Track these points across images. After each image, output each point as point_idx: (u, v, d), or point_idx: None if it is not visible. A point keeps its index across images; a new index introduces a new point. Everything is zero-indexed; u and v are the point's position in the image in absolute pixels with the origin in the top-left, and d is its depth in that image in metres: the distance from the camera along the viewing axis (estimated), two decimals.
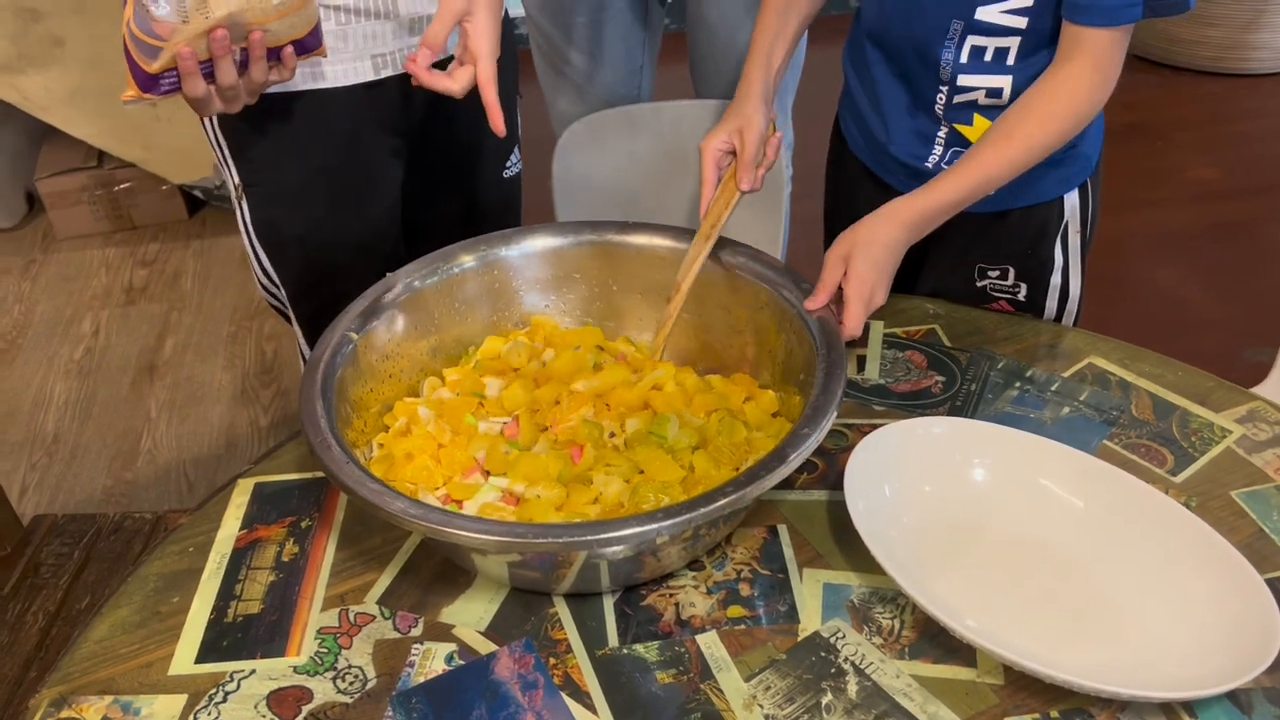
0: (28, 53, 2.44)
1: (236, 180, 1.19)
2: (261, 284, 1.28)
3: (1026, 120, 1.01)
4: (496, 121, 1.00)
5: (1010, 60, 1.05)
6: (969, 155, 1.02)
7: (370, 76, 1.12)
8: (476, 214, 1.22)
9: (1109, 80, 1.00)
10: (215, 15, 0.92)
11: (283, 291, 1.26)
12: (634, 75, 1.70)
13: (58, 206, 2.71)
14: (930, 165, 1.14)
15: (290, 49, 0.99)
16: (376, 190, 1.20)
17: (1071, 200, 1.16)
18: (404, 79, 1.12)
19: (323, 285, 1.23)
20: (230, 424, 2.15)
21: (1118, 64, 1.00)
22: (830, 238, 1.35)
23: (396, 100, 1.16)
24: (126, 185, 2.71)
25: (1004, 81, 1.06)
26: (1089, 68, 0.99)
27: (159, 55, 0.93)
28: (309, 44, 1.02)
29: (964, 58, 1.06)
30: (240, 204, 1.21)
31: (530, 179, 1.43)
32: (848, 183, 1.28)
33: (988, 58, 1.05)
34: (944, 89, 1.09)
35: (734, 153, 1.07)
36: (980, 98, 1.08)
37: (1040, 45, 1.03)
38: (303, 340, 1.31)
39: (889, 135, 1.17)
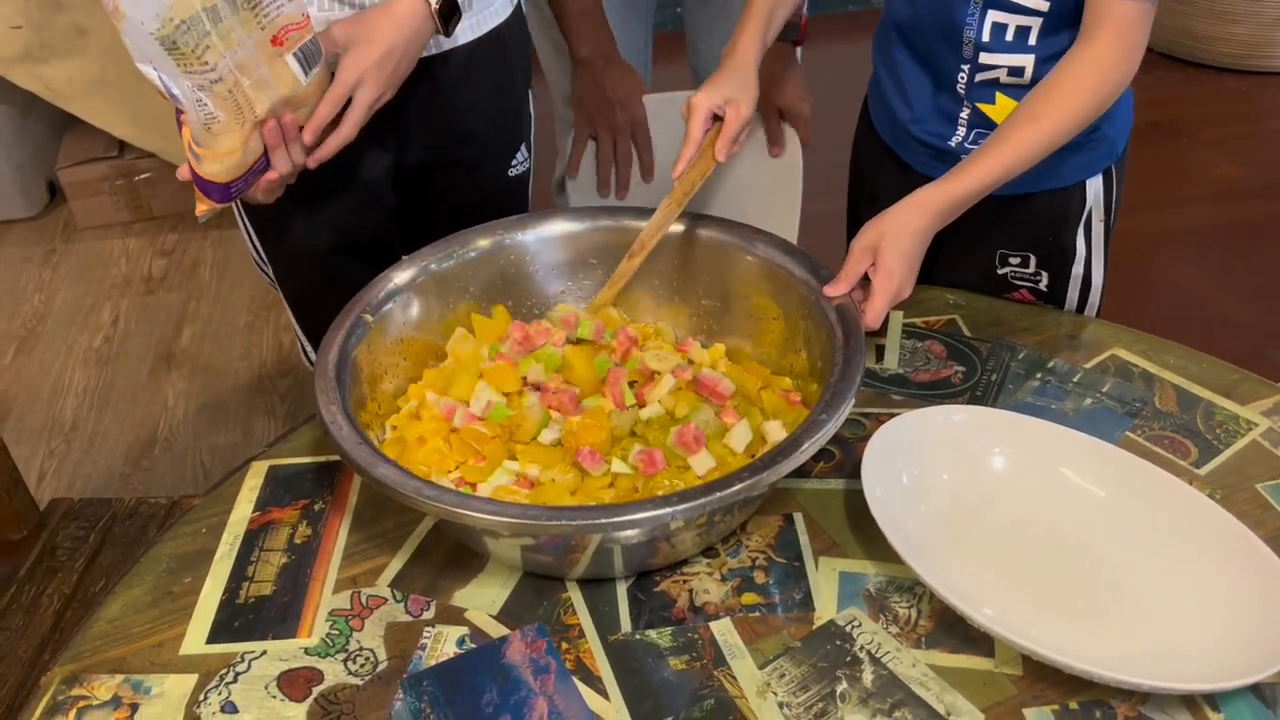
0: (51, 42, 2.45)
1: None
2: (255, 260, 1.27)
3: (1053, 100, 0.99)
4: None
5: (1032, 40, 1.04)
6: (996, 138, 1.00)
7: None
8: (479, 210, 1.20)
9: (1135, 56, 0.98)
10: (260, 110, 0.95)
11: (270, 269, 1.26)
12: (643, 54, 1.69)
13: (79, 196, 2.72)
14: (954, 145, 1.13)
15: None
16: (356, 179, 1.18)
17: (1095, 186, 1.15)
18: None
19: (305, 267, 1.22)
20: (247, 413, 2.15)
21: (1143, 39, 0.98)
22: (852, 218, 1.34)
23: None
24: (147, 175, 2.72)
25: (1026, 60, 1.05)
26: (1114, 44, 0.97)
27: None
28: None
29: (986, 35, 1.05)
30: None
31: (543, 172, 1.42)
32: (871, 164, 1.27)
33: (1009, 36, 1.04)
34: (966, 67, 1.08)
35: (718, 118, 1.04)
36: (1002, 76, 1.07)
37: (1062, 27, 1.02)
38: (294, 320, 1.31)
39: (913, 115, 1.16)
